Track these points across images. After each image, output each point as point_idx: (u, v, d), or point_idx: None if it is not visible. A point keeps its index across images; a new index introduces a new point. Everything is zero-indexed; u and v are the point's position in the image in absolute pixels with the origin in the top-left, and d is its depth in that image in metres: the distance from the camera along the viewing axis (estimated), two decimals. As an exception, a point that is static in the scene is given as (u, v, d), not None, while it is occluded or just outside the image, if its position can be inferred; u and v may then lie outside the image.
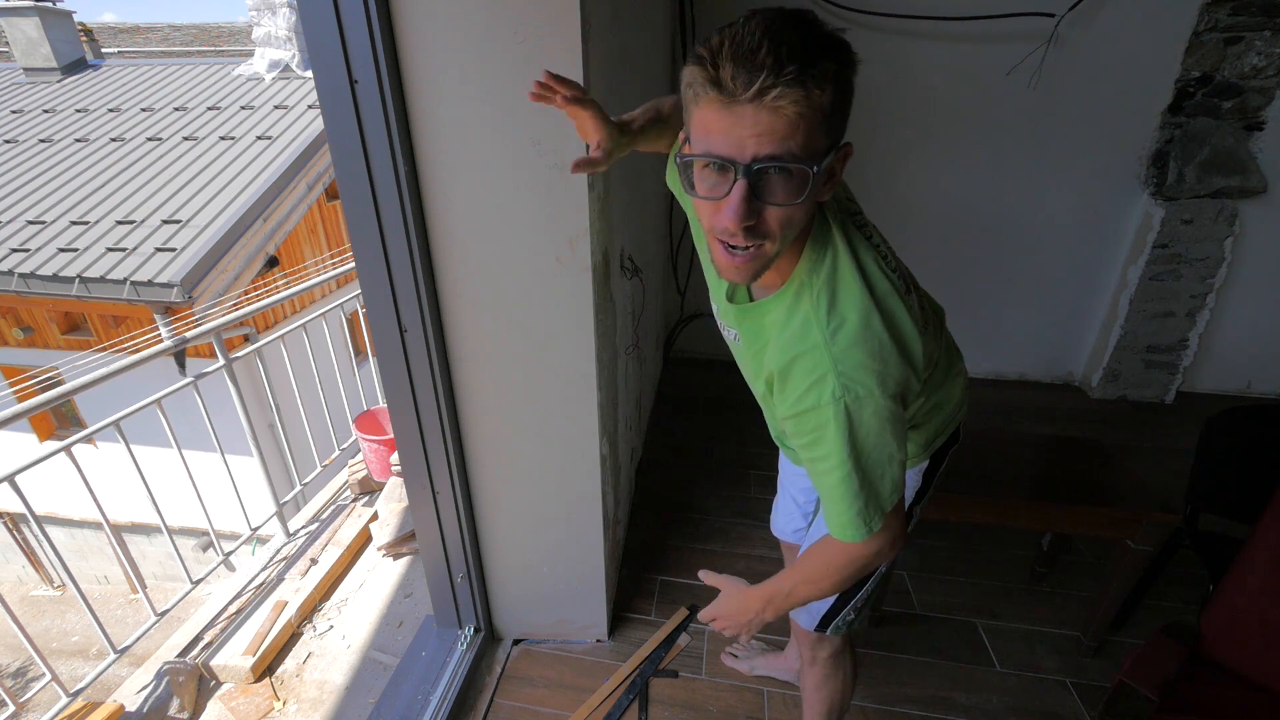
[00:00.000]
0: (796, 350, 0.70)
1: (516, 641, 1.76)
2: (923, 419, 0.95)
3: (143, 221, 4.86)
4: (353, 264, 1.31)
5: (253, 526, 2.41)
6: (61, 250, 4.65)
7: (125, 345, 5.01)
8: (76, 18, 7.97)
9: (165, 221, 4.82)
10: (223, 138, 5.86)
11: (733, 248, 0.65)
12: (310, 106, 6.17)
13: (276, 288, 5.16)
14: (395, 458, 2.46)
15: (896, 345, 0.69)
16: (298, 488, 2.64)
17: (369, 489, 2.66)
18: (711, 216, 0.64)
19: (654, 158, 0.99)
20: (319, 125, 5.55)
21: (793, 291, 0.73)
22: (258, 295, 4.92)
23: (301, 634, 1.99)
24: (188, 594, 2.12)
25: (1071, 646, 1.73)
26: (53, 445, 1.77)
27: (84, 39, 8.19)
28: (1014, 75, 2.48)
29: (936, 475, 1.03)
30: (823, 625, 1.12)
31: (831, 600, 1.09)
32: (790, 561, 1.49)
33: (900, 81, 2.56)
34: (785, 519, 1.36)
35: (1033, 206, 2.72)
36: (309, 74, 6.48)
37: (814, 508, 1.25)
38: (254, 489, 2.45)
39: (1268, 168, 2.49)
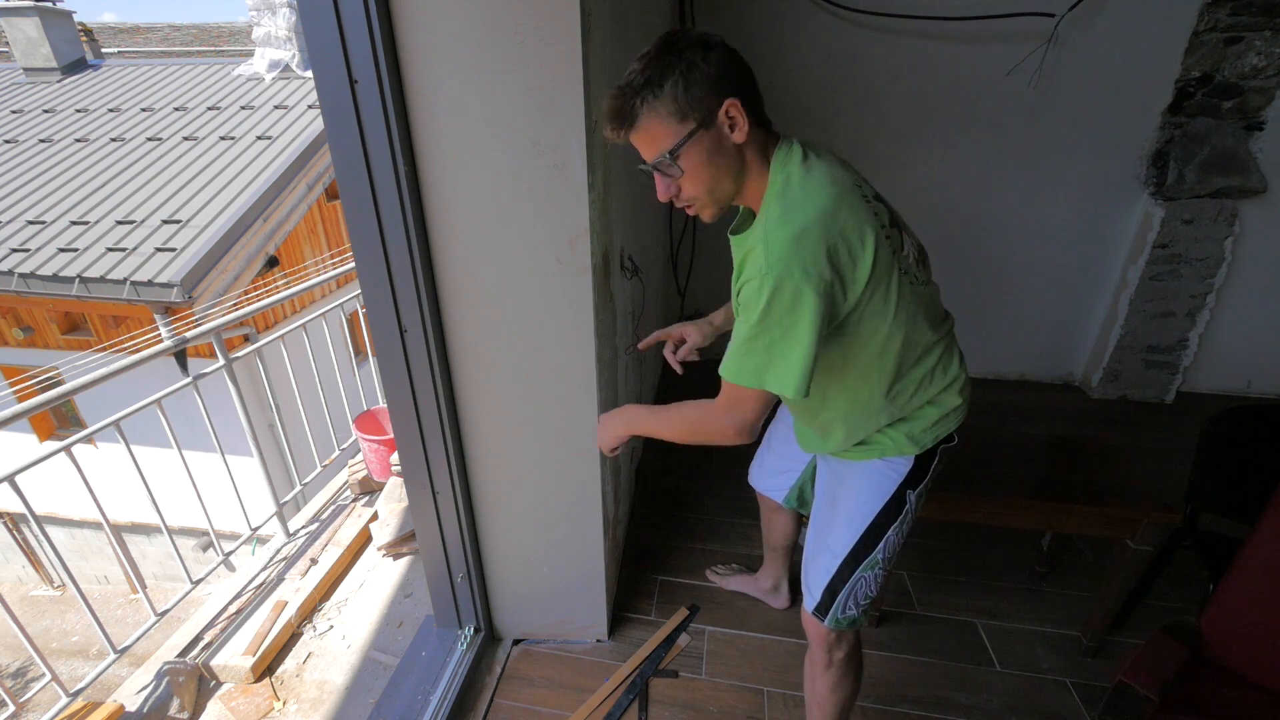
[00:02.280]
0: (751, 243, 0.94)
1: (516, 641, 1.76)
2: (912, 413, 1.05)
3: (143, 221, 4.86)
4: (353, 264, 1.31)
5: (253, 526, 2.41)
6: (61, 250, 4.65)
7: (125, 345, 5.01)
8: (76, 18, 7.98)
9: (165, 221, 4.82)
10: (223, 138, 5.87)
11: (682, 208, 0.99)
12: (310, 106, 6.17)
13: (276, 288, 5.16)
14: (395, 458, 2.46)
15: (825, 239, 0.86)
16: (298, 488, 2.64)
17: (369, 489, 2.66)
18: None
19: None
20: (319, 125, 5.56)
21: (762, 208, 0.95)
22: (258, 295, 4.92)
23: (301, 634, 1.99)
24: (188, 594, 2.12)
25: (1071, 646, 1.73)
26: (53, 445, 1.77)
27: (84, 39, 8.20)
28: (1014, 75, 2.48)
29: (932, 467, 1.10)
30: (821, 611, 1.18)
31: (828, 579, 1.16)
32: (767, 513, 1.70)
33: (900, 81, 2.56)
34: (768, 472, 1.55)
35: (1033, 206, 2.72)
36: (309, 74, 6.48)
37: (794, 468, 1.45)
38: (254, 489, 2.45)
39: (1268, 168, 2.49)
